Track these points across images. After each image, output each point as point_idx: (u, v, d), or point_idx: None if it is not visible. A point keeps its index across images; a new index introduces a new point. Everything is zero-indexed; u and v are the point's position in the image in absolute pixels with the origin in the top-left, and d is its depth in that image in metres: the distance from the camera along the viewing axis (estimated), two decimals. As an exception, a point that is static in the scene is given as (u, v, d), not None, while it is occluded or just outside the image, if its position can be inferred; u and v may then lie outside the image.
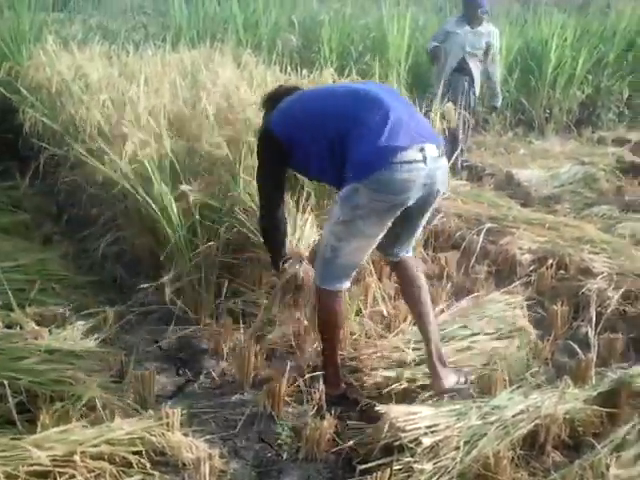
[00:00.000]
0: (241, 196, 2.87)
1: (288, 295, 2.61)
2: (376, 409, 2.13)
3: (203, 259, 2.86)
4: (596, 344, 2.77)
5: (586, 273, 3.40)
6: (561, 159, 5.91)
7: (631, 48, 7.84)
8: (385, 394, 2.38)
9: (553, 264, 3.48)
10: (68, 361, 2.43)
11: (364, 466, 1.97)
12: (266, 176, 2.47)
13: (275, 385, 2.30)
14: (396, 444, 1.97)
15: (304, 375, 2.42)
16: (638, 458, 1.95)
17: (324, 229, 2.42)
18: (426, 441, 1.94)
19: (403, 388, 2.39)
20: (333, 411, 2.24)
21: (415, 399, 2.33)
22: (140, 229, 3.21)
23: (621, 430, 2.09)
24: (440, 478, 1.90)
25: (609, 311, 3.05)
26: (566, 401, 2.20)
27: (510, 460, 1.98)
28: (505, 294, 3.11)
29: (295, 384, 2.39)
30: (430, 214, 2.40)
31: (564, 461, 2.11)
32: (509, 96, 7.23)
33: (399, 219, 2.29)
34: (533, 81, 7.30)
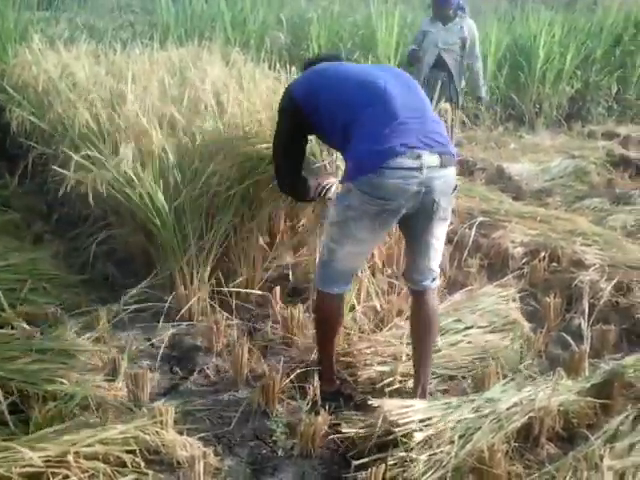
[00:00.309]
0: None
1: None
2: (370, 403, 2.12)
3: (195, 256, 2.85)
4: (589, 336, 2.78)
5: (578, 265, 3.42)
6: (551, 153, 5.93)
7: (618, 44, 7.90)
8: (379, 389, 2.38)
9: (545, 257, 3.49)
10: (60, 360, 2.42)
11: (359, 461, 1.96)
12: (284, 140, 2.42)
13: (269, 382, 2.29)
14: (391, 439, 1.97)
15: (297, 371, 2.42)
16: (631, 448, 1.95)
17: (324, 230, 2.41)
18: (420, 435, 1.94)
19: (397, 383, 2.39)
20: (327, 407, 2.24)
21: (409, 393, 2.32)
22: (131, 227, 3.20)
23: (614, 421, 2.10)
24: (435, 472, 1.90)
25: (601, 302, 3.06)
26: (560, 393, 2.20)
27: (504, 453, 1.98)
28: (498, 287, 3.12)
29: (289, 380, 2.39)
30: (442, 232, 2.24)
31: (558, 453, 2.12)
32: (499, 92, 7.26)
33: (407, 237, 2.29)
34: (522, 77, 7.34)
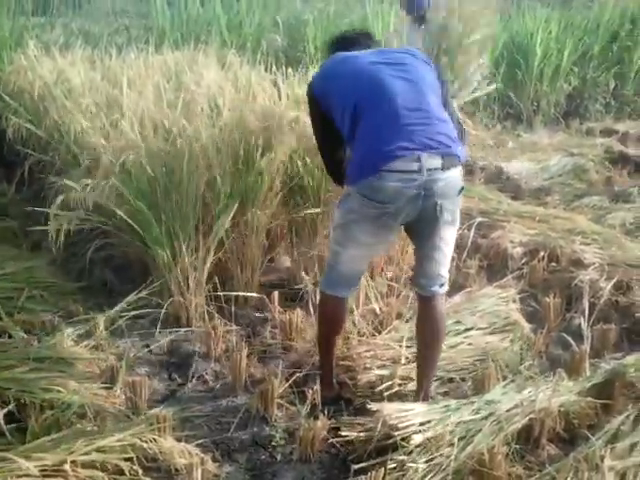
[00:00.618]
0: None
1: None
2: (369, 407, 2.11)
3: (190, 262, 2.84)
4: (589, 335, 2.76)
5: (578, 264, 3.40)
6: (550, 151, 5.91)
7: (615, 40, 7.87)
8: (378, 392, 2.36)
9: (545, 256, 3.48)
10: (58, 369, 2.41)
11: (358, 466, 1.95)
12: (316, 127, 2.45)
13: (268, 387, 2.28)
14: (390, 442, 1.96)
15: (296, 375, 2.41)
16: (632, 449, 1.94)
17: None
18: (419, 438, 1.93)
19: (397, 386, 2.38)
20: (327, 411, 2.23)
21: (409, 397, 2.31)
22: (127, 234, 3.18)
23: (615, 421, 2.09)
24: (435, 476, 1.89)
25: (601, 302, 3.05)
26: (560, 394, 2.19)
27: (505, 455, 1.97)
28: (497, 288, 3.11)
29: (288, 385, 2.38)
30: (450, 237, 2.20)
31: (559, 454, 2.10)
32: (496, 90, 7.24)
33: (415, 241, 2.27)
34: (520, 74, 7.31)
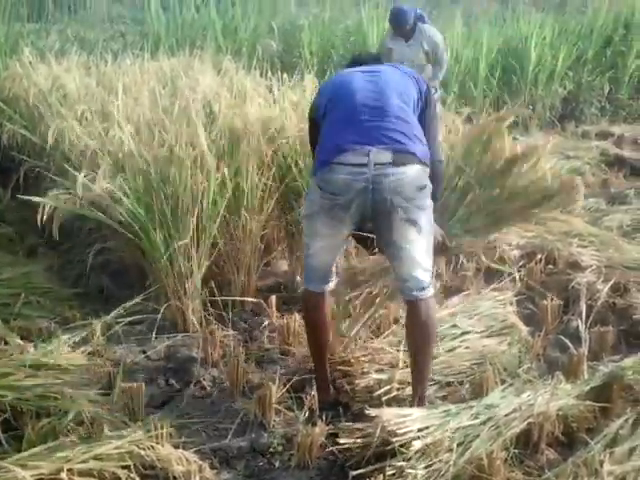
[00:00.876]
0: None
1: None
2: (367, 413, 2.10)
3: (186, 267, 2.83)
4: (587, 338, 2.75)
5: (575, 267, 3.40)
6: (546, 154, 5.90)
7: (609, 44, 7.92)
8: (377, 397, 2.35)
9: (542, 259, 3.48)
10: (54, 375, 2.38)
11: (357, 472, 1.94)
12: (310, 135, 2.52)
13: (266, 392, 2.27)
14: (389, 448, 1.94)
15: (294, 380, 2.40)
16: (631, 453, 1.92)
17: None
18: (418, 444, 1.91)
19: (395, 390, 2.36)
20: (324, 417, 2.21)
21: (407, 401, 2.29)
22: (124, 239, 3.17)
23: (614, 424, 2.07)
24: (434, 481, 1.88)
25: (599, 304, 3.04)
26: (559, 397, 2.18)
27: (504, 460, 1.95)
28: (494, 291, 3.10)
29: (286, 390, 2.36)
30: (413, 237, 2.15)
31: (558, 459, 2.09)
32: (492, 94, 7.27)
33: (379, 242, 2.31)
34: (515, 79, 7.34)
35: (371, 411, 2.08)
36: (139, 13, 7.39)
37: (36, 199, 2.68)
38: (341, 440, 2.07)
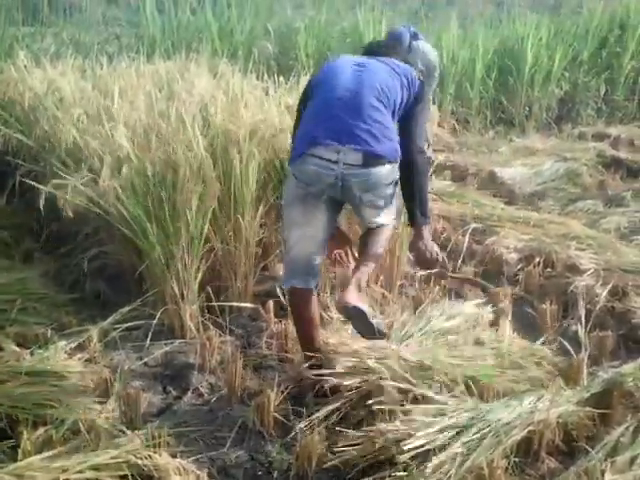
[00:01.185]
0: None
1: None
2: (367, 421, 2.08)
3: (184, 272, 2.81)
4: (586, 343, 2.74)
5: (573, 270, 3.39)
6: (543, 156, 5.88)
7: (604, 45, 7.91)
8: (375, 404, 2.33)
9: (540, 262, 3.46)
10: (51, 383, 2.37)
11: (356, 481, 1.93)
12: (294, 124, 2.59)
13: (264, 399, 2.25)
14: (388, 457, 1.93)
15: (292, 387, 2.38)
16: (633, 462, 1.91)
17: None
18: (418, 454, 1.90)
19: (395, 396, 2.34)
20: (324, 425, 2.19)
21: (407, 412, 2.27)
22: (121, 244, 3.15)
23: (615, 432, 2.06)
24: (434, 491, 1.86)
25: (597, 308, 3.03)
26: (559, 404, 2.16)
27: (504, 469, 1.94)
28: (491, 296, 3.09)
29: (284, 397, 2.34)
30: (379, 213, 2.42)
31: (559, 467, 2.07)
32: (488, 95, 7.26)
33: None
34: (511, 80, 7.33)
35: (371, 420, 2.05)
36: (134, 16, 7.34)
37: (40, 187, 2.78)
38: (341, 448, 2.05)
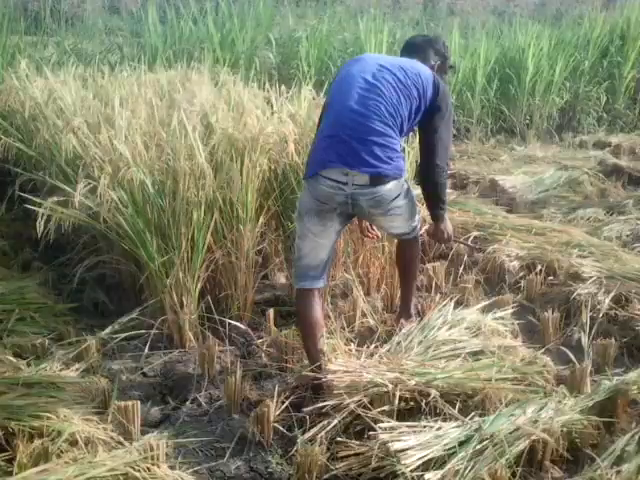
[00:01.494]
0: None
1: None
2: (369, 433, 2.05)
3: (183, 282, 2.79)
4: (590, 350, 2.71)
5: (575, 278, 3.35)
6: (544, 164, 5.90)
7: (605, 55, 7.95)
8: (379, 413, 2.30)
9: (542, 270, 3.44)
10: (48, 394, 2.34)
11: (357, 493, 1.90)
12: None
13: (264, 409, 2.22)
14: (389, 468, 1.90)
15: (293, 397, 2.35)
16: (639, 471, 1.88)
17: None
18: (420, 464, 1.87)
19: (398, 407, 2.31)
20: (324, 436, 2.15)
21: (410, 418, 2.25)
22: (120, 253, 3.14)
23: (620, 441, 2.03)
24: (437, 503, 1.83)
25: (600, 316, 3.00)
26: (563, 413, 2.13)
27: (508, 479, 1.91)
28: (495, 304, 3.06)
29: (284, 407, 2.31)
30: (394, 219, 2.57)
31: (564, 476, 2.04)
32: (489, 104, 7.27)
33: None
34: (512, 89, 7.35)
35: (373, 432, 2.02)
36: (136, 25, 7.39)
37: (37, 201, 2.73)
38: (341, 459, 2.02)
